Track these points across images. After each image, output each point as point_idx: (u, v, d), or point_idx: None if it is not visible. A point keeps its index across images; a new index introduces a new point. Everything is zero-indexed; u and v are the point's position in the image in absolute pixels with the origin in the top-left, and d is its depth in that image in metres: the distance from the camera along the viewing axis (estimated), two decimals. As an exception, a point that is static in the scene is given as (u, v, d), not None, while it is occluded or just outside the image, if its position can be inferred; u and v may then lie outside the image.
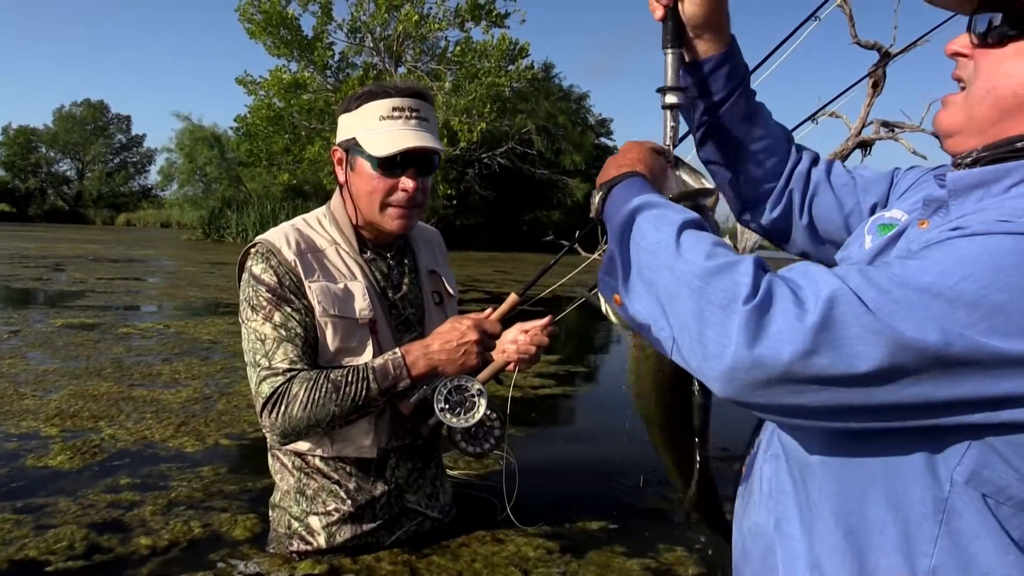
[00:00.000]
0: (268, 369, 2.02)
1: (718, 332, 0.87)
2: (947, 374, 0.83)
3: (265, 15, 27.64)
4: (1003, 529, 0.94)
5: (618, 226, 1.03)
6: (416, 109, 2.10)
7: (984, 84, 1.00)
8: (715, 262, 0.91)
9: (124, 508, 2.69)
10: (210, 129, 37.31)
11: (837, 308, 0.84)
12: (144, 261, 17.48)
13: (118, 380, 4.79)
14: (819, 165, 1.45)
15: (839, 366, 0.83)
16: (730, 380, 0.87)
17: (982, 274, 0.82)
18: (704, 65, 1.34)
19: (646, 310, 0.97)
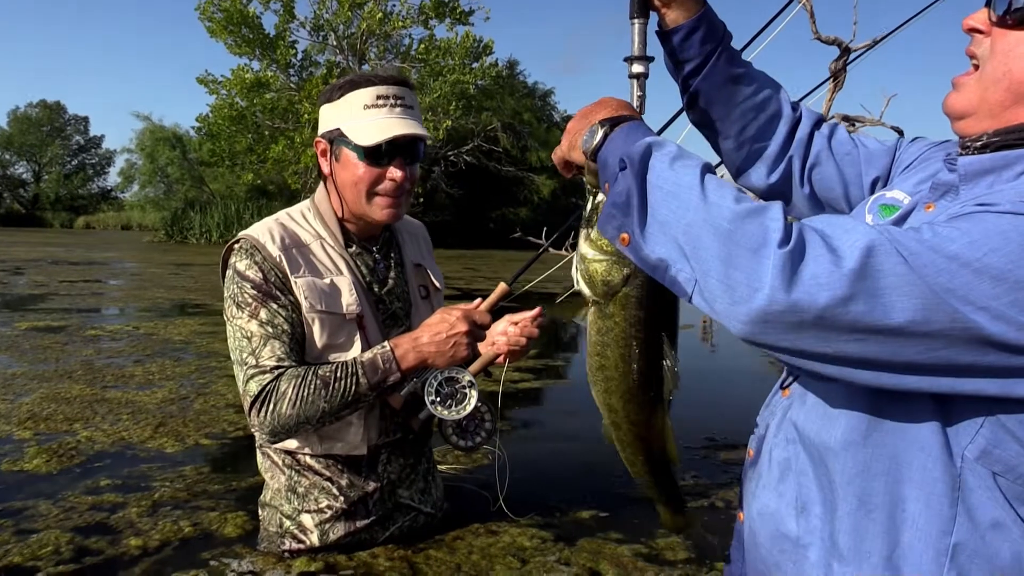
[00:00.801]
0: (255, 367, 1.98)
1: (749, 275, 0.87)
2: (976, 339, 0.84)
3: (226, 13, 27.26)
4: (1011, 506, 0.96)
5: (634, 163, 1.01)
6: (401, 96, 2.08)
7: (1000, 66, 1.01)
8: (744, 206, 0.91)
9: (107, 510, 2.64)
10: (171, 129, 36.75)
11: (875, 258, 0.84)
12: (106, 263, 17.14)
13: (90, 382, 4.70)
14: (821, 129, 1.44)
15: (874, 315, 0.84)
16: (761, 323, 0.87)
17: (1010, 249, 0.84)
18: (676, 34, 1.35)
19: (662, 251, 0.96)
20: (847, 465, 1.05)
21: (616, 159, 1.04)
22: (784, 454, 1.17)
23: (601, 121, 1.12)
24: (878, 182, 1.40)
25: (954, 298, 0.83)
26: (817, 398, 1.12)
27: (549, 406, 4.75)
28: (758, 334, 0.89)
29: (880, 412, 1.02)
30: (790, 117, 1.44)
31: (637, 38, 1.29)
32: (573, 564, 2.30)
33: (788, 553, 1.14)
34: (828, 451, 1.08)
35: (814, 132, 1.45)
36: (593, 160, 1.12)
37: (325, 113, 2.13)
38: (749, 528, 1.24)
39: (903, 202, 1.20)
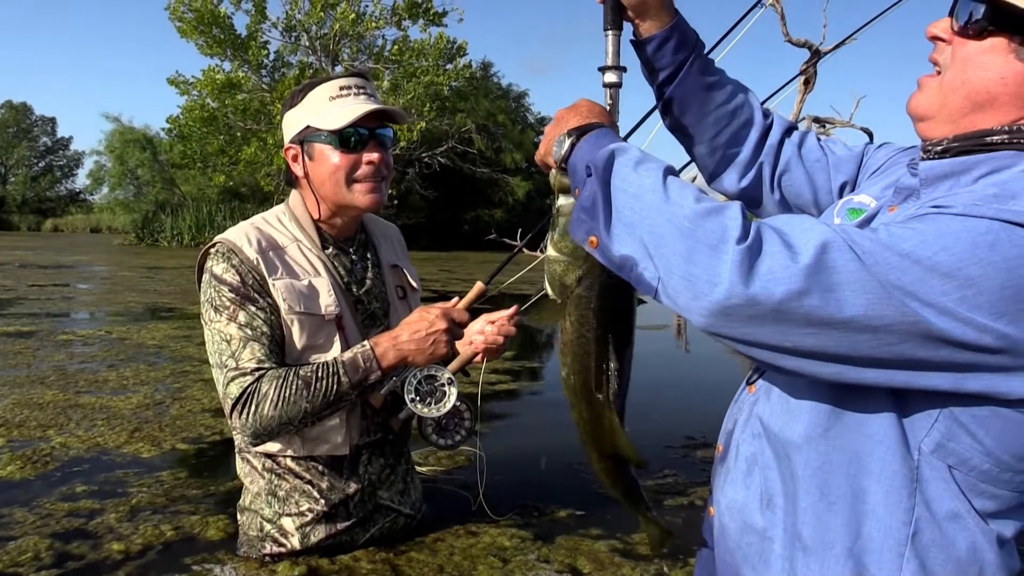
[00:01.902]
0: (236, 370, 1.98)
1: (708, 271, 0.91)
2: (925, 335, 0.88)
3: (197, 14, 27.02)
4: (965, 498, 1.01)
5: (599, 169, 1.04)
6: (362, 86, 2.12)
7: (959, 74, 1.05)
8: (704, 205, 0.95)
9: (85, 516, 2.63)
10: (141, 131, 36.31)
11: (829, 254, 0.88)
12: (76, 267, 16.92)
13: (63, 388, 4.66)
14: (791, 137, 1.49)
15: (828, 309, 0.88)
16: (721, 315, 0.91)
17: (959, 249, 0.87)
18: (649, 43, 1.38)
19: (628, 250, 1.00)
20: (809, 459, 1.09)
21: (583, 166, 1.08)
22: (750, 449, 1.21)
23: (569, 131, 1.16)
24: (846, 186, 1.44)
25: (904, 294, 0.87)
26: (781, 394, 1.16)
27: (527, 406, 4.78)
28: (718, 326, 0.92)
29: (840, 407, 1.06)
30: (761, 124, 1.48)
31: (611, 49, 1.33)
32: (553, 561, 2.33)
33: (755, 545, 1.17)
34: (791, 445, 1.11)
35: (784, 139, 1.49)
36: (564, 168, 1.15)
37: (290, 118, 2.16)
38: (719, 522, 1.28)
39: (869, 206, 1.24)
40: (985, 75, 1.03)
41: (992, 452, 0.98)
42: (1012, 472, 0.99)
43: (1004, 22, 1.00)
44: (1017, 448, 0.98)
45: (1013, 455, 0.98)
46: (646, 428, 4.02)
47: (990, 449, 0.98)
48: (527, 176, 37.66)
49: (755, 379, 1.28)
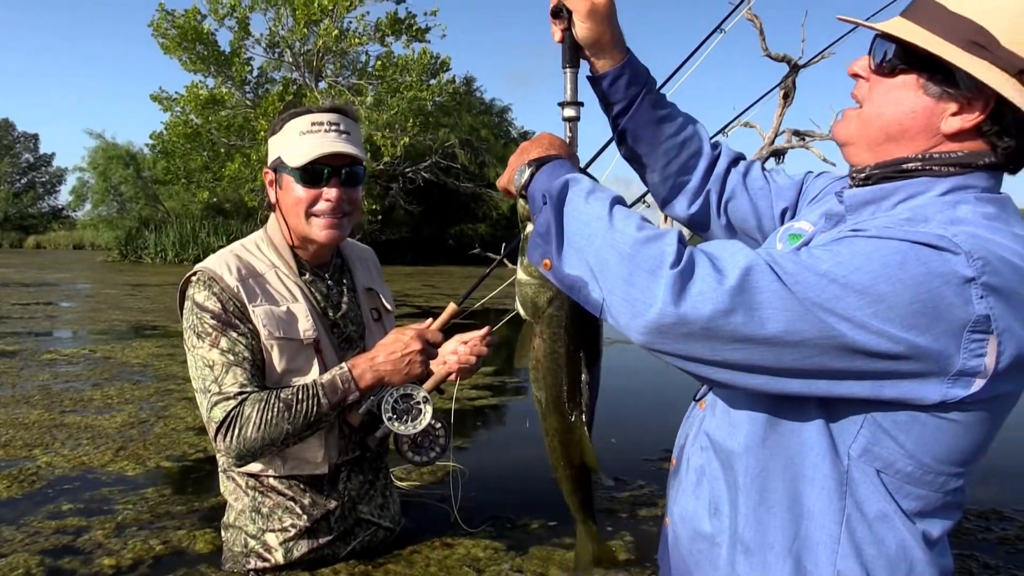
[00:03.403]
0: (219, 394, 2.06)
1: (645, 293, 1.01)
2: (833, 345, 0.99)
3: (180, 30, 27.06)
4: (893, 499, 1.12)
5: (553, 198, 1.15)
6: (335, 123, 2.18)
7: (875, 108, 1.17)
8: (645, 233, 1.06)
9: (72, 534, 2.70)
10: (125, 147, 36.14)
11: (752, 276, 0.99)
12: (59, 285, 16.86)
13: (48, 407, 4.71)
14: (738, 167, 1.60)
15: (752, 326, 0.98)
16: (656, 333, 1.01)
17: (871, 268, 0.98)
18: (603, 79, 1.49)
19: (577, 274, 1.10)
20: (749, 466, 1.20)
21: (540, 194, 1.19)
22: (699, 461, 1.31)
23: (530, 161, 1.27)
24: (787, 212, 1.55)
25: (822, 310, 0.97)
26: (725, 407, 1.27)
27: (503, 421, 4.87)
28: (654, 343, 1.02)
29: (776, 417, 1.17)
30: (709, 155, 1.59)
31: (569, 85, 1.43)
32: (526, 571, 2.43)
33: (705, 552, 1.28)
34: (733, 455, 1.22)
35: (730, 168, 1.60)
36: (524, 195, 1.26)
37: (270, 144, 2.26)
38: (672, 531, 1.38)
39: (807, 231, 1.35)
40: (898, 109, 1.14)
41: (914, 455, 1.08)
42: (934, 474, 1.10)
43: (913, 61, 1.11)
44: (937, 451, 1.08)
45: (934, 458, 1.09)
46: (624, 440, 4.12)
47: (912, 452, 1.08)
48: (511, 190, 37.71)
49: (702, 396, 1.39)
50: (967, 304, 0.97)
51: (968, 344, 0.98)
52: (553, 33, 1.44)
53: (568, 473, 1.47)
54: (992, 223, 1.06)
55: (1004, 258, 1.01)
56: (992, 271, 0.98)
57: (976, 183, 1.12)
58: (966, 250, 0.99)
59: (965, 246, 0.99)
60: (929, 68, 1.10)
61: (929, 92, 1.11)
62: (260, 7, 28.37)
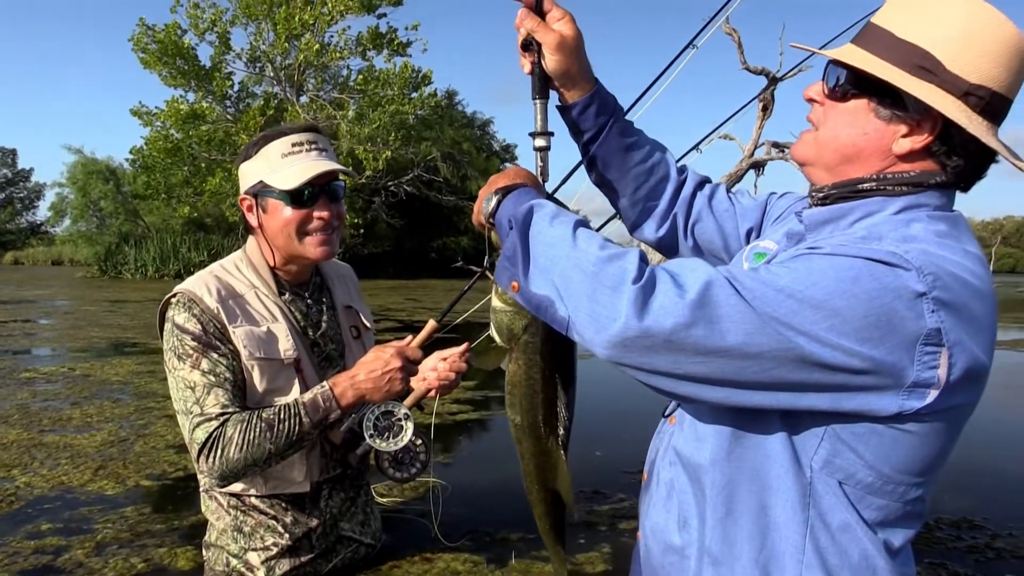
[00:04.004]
0: (201, 415, 2.06)
1: (609, 308, 1.04)
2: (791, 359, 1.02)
3: (160, 45, 26.99)
4: (855, 509, 1.15)
5: (518, 222, 1.19)
6: (314, 142, 2.22)
7: (830, 131, 1.22)
8: (607, 252, 1.09)
9: (52, 553, 2.69)
10: (104, 162, 35.98)
11: (712, 290, 1.02)
12: (37, 301, 16.72)
13: (27, 427, 4.68)
14: (703, 190, 1.64)
15: (712, 339, 1.01)
16: (620, 347, 1.04)
17: (827, 283, 1.02)
18: (573, 109, 1.53)
19: (543, 294, 1.13)
20: (715, 479, 1.23)
21: (507, 220, 1.23)
22: (669, 475, 1.34)
23: (496, 190, 1.31)
24: (752, 232, 1.60)
25: (780, 324, 1.01)
26: (692, 422, 1.30)
27: (484, 436, 4.89)
28: (619, 356, 1.05)
29: (741, 430, 1.20)
30: (676, 179, 1.64)
31: (539, 116, 1.46)
32: (505, 585, 2.45)
33: (675, 564, 1.31)
34: (700, 468, 1.25)
35: (696, 192, 1.64)
36: (492, 223, 1.29)
37: (245, 170, 2.25)
38: (644, 544, 1.41)
39: (772, 250, 1.39)
40: (851, 132, 1.19)
41: (874, 466, 1.12)
42: (894, 484, 1.13)
43: (863, 86, 1.16)
44: (895, 461, 1.12)
45: (892, 468, 1.12)
46: (605, 452, 4.15)
47: (871, 463, 1.11)
48: (493, 203, 37.78)
49: (671, 412, 1.42)
50: (919, 318, 1.01)
51: (921, 357, 1.02)
52: (523, 65, 1.48)
53: (541, 496, 1.50)
54: (943, 240, 1.10)
55: (954, 273, 1.05)
56: (942, 286, 1.03)
57: (928, 201, 1.17)
58: (917, 266, 1.03)
59: (916, 262, 1.03)
60: (879, 92, 1.15)
61: (880, 115, 1.16)
62: (241, 22, 28.37)
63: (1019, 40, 1.11)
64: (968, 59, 1.10)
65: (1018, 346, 11.31)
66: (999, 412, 6.34)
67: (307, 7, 27.51)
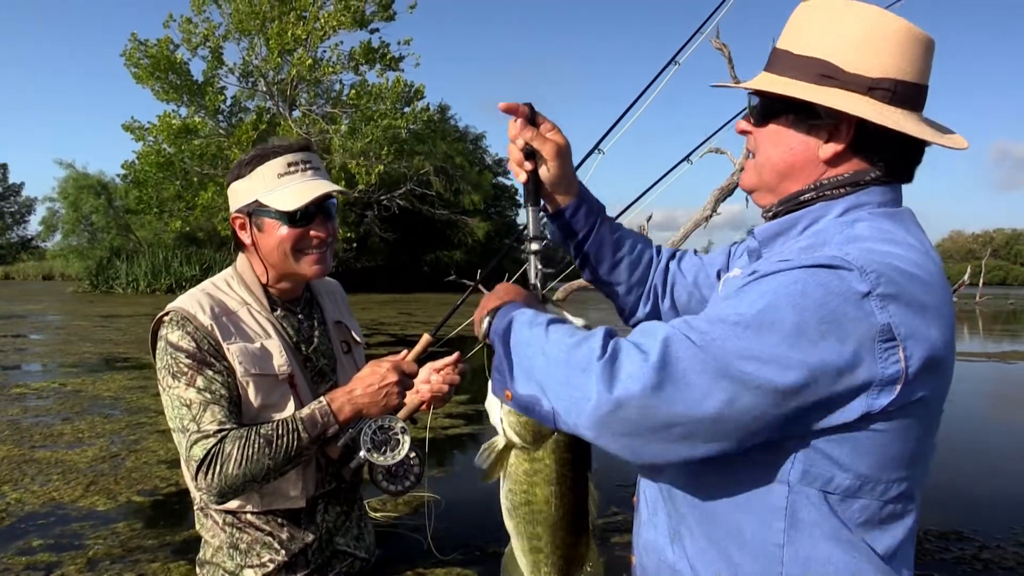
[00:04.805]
0: (198, 432, 2.05)
1: (582, 390, 1.08)
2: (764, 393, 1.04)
3: (152, 60, 27.05)
4: (837, 516, 1.16)
5: (500, 334, 1.25)
6: (308, 161, 2.24)
7: (763, 155, 1.30)
8: (575, 338, 1.14)
9: (43, 569, 2.68)
10: (96, 176, 35.95)
11: (670, 347, 1.05)
12: (28, 316, 16.65)
13: (18, 443, 4.66)
14: (674, 258, 1.73)
15: (683, 394, 1.04)
16: (600, 425, 1.07)
17: (776, 302, 1.05)
18: (565, 211, 1.61)
19: (529, 393, 1.17)
20: (693, 499, 1.25)
21: (495, 337, 1.28)
22: (652, 493, 1.37)
23: (487, 311, 1.35)
24: (722, 272, 1.65)
25: (740, 359, 1.03)
26: None
27: (476, 450, 4.87)
28: (602, 436, 1.08)
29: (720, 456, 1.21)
30: (656, 259, 1.72)
31: (532, 221, 1.53)
32: (499, 599, 2.44)
33: None
34: (672, 489, 1.29)
35: (669, 262, 1.72)
36: (489, 344, 1.33)
37: (237, 188, 2.25)
38: (639, 562, 1.42)
39: (739, 275, 1.43)
40: (779, 150, 1.26)
41: (851, 468, 1.13)
42: (873, 483, 1.14)
43: (778, 107, 1.25)
44: (872, 460, 1.13)
45: (870, 467, 1.13)
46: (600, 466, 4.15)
47: (848, 466, 1.13)
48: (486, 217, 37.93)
49: None
50: (869, 316, 1.04)
51: (881, 354, 1.04)
52: (517, 175, 1.55)
53: None
54: (887, 235, 1.15)
55: (898, 267, 1.08)
56: (887, 281, 1.06)
57: (870, 199, 1.22)
58: (859, 266, 1.06)
59: (858, 262, 1.07)
60: (793, 109, 1.23)
61: (799, 129, 1.23)
62: (233, 36, 28.48)
63: (908, 29, 1.19)
64: (864, 57, 1.18)
65: (1008, 358, 11.37)
66: (988, 424, 6.38)
67: (300, 22, 27.64)
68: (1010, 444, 5.74)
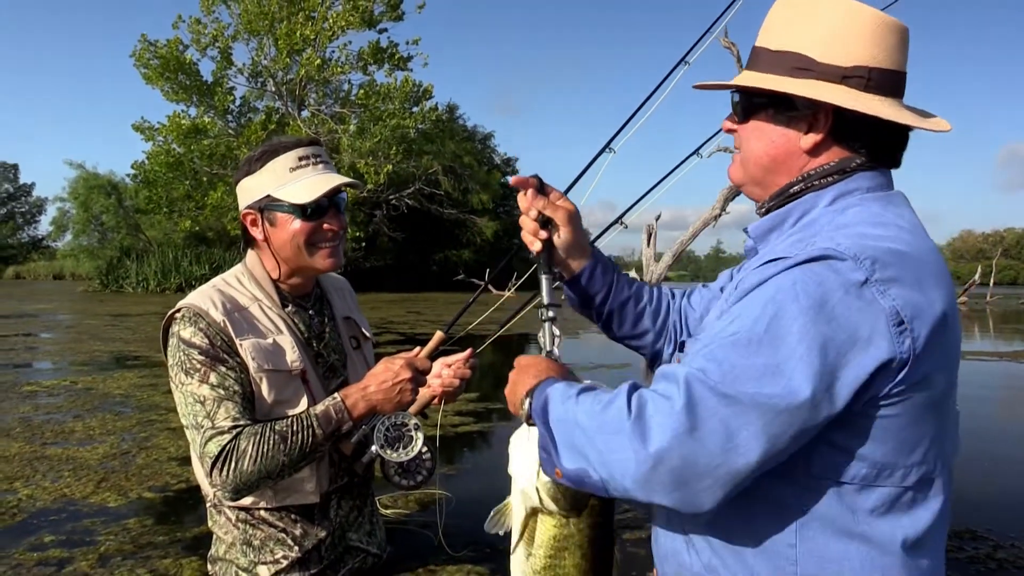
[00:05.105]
0: (212, 429, 2.04)
1: (620, 453, 1.08)
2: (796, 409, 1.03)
3: (162, 60, 27.16)
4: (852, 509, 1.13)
5: (540, 413, 1.24)
6: (318, 155, 2.25)
7: (748, 150, 1.32)
8: (601, 403, 1.14)
9: (55, 565, 2.69)
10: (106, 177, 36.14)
11: (693, 389, 1.06)
12: (39, 316, 16.74)
13: (29, 440, 4.67)
14: (686, 297, 1.73)
15: (717, 434, 1.04)
16: (648, 483, 1.07)
17: (778, 312, 1.06)
18: (583, 275, 1.62)
19: (576, 467, 1.16)
20: None
21: (536, 417, 1.27)
22: None
23: (526, 393, 1.34)
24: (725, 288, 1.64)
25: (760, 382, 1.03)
26: None
27: (486, 447, 4.88)
28: (655, 493, 1.08)
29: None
30: (671, 303, 1.72)
31: (546, 288, 1.55)
32: (511, 596, 2.43)
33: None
34: None
35: (682, 302, 1.73)
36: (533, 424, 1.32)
37: (248, 185, 2.24)
38: (661, 571, 1.40)
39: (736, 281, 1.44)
40: (761, 144, 1.28)
41: (866, 456, 1.11)
42: (891, 469, 1.12)
43: (758, 103, 1.27)
44: (889, 445, 1.11)
45: (886, 453, 1.11)
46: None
47: (863, 454, 1.11)
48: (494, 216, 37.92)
49: None
50: (872, 304, 1.04)
51: (897, 336, 1.04)
52: (531, 245, 1.56)
53: None
54: (878, 218, 1.16)
55: (892, 249, 1.08)
56: (882, 265, 1.06)
57: (859, 185, 1.23)
58: (852, 254, 1.06)
59: (851, 251, 1.07)
60: (772, 103, 1.25)
61: (778, 122, 1.25)
62: (243, 37, 28.56)
63: (879, 18, 1.21)
64: (837, 48, 1.20)
65: (1019, 357, 11.31)
66: (999, 423, 6.34)
67: (308, 23, 27.69)
68: (1022, 443, 5.71)
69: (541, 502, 1.34)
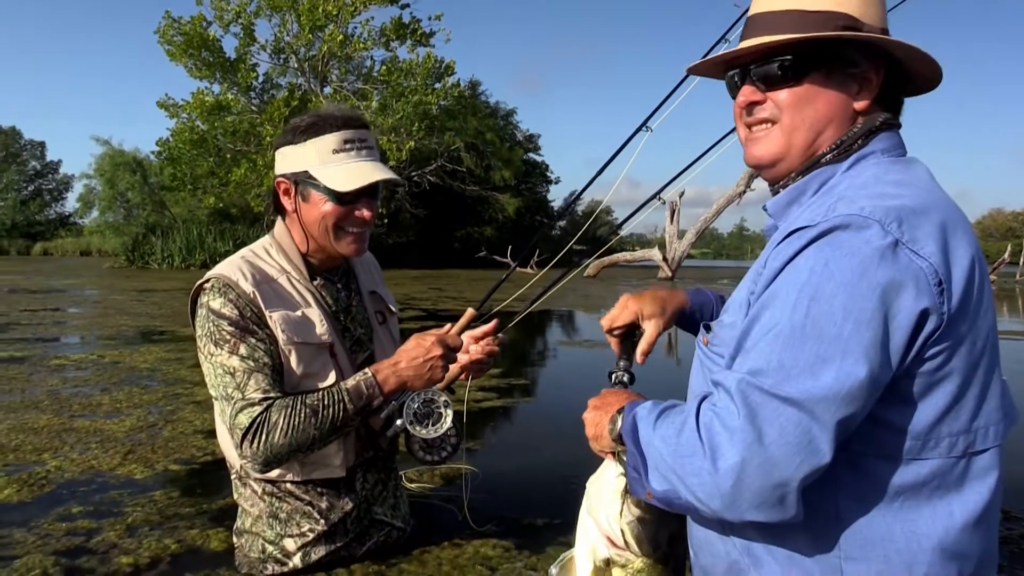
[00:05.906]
0: (243, 400, 2.03)
1: (700, 476, 1.07)
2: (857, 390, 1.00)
3: (186, 37, 27.20)
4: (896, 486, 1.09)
5: (630, 433, 1.22)
6: (364, 139, 2.20)
7: (796, 113, 1.23)
8: (675, 426, 1.13)
9: (84, 535, 2.70)
10: (131, 154, 36.44)
11: (749, 397, 1.04)
12: (67, 291, 16.94)
13: (57, 412, 4.72)
14: None
15: (785, 437, 1.01)
16: (734, 501, 1.05)
17: (814, 294, 1.02)
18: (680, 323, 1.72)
19: (665, 488, 1.14)
20: None
21: (627, 437, 1.25)
22: None
23: (616, 411, 1.32)
24: None
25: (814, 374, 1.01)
26: None
27: (510, 423, 4.86)
28: (746, 511, 1.06)
29: None
30: None
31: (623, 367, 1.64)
32: (540, 570, 2.41)
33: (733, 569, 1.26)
34: None
35: None
36: (620, 441, 1.30)
37: (288, 153, 2.20)
38: (696, 561, 1.38)
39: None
40: (817, 105, 1.22)
41: (903, 428, 1.08)
42: (936, 439, 1.09)
43: (804, 63, 1.20)
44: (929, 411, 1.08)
45: (926, 419, 1.08)
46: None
47: (901, 426, 1.08)
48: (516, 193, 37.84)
49: None
50: (910, 265, 1.01)
51: (937, 295, 1.02)
52: None
53: None
54: (899, 178, 1.13)
55: (914, 208, 1.06)
56: (910, 225, 1.03)
57: (876, 147, 1.21)
58: (877, 218, 1.03)
59: (875, 214, 1.04)
60: (826, 61, 1.20)
61: (835, 81, 1.21)
62: (265, 13, 28.51)
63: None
64: (871, 8, 1.21)
65: (1052, 337, 11.10)
66: (1035, 403, 6.21)
67: (331, -2, 27.54)
68: (1057, 423, 5.59)
69: (628, 546, 1.31)
